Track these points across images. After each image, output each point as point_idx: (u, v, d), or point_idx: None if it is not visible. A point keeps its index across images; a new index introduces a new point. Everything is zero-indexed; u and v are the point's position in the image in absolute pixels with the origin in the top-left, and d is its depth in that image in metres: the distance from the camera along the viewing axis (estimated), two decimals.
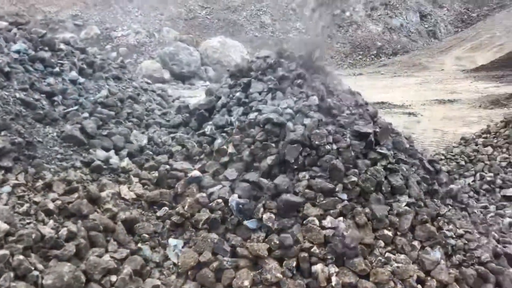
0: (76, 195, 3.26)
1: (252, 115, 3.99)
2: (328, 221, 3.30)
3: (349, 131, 3.81)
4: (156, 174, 3.85)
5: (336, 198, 3.44)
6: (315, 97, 3.90)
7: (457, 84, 16.78)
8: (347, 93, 4.42)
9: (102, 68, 5.27)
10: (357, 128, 3.71)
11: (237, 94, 4.33)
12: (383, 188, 3.54)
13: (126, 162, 3.88)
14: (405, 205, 3.51)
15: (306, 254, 3.16)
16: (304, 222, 3.32)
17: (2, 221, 2.74)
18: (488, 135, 6.18)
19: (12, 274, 2.56)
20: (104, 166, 3.72)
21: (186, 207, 3.46)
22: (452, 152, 6.11)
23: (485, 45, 23.70)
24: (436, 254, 3.27)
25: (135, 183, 3.68)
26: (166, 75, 18.80)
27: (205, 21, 23.58)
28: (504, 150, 5.76)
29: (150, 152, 4.14)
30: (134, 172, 3.82)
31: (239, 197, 3.46)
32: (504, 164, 5.58)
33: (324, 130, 3.59)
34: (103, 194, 3.37)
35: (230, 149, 3.83)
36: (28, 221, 2.92)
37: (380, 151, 3.70)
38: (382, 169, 3.61)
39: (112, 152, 3.93)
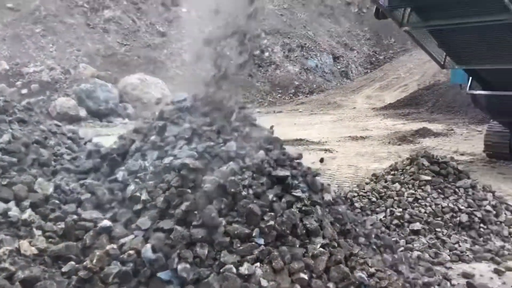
0: None
1: (167, 160, 3.90)
2: (244, 268, 3.25)
3: (266, 175, 3.84)
4: (62, 225, 3.59)
5: (253, 243, 3.42)
6: (233, 142, 3.91)
7: (368, 122, 17.89)
8: (265, 135, 4.48)
9: (6, 111, 4.91)
10: (275, 174, 3.75)
11: (152, 137, 4.23)
12: (298, 231, 3.59)
13: (28, 214, 3.57)
14: (320, 247, 3.58)
15: None
16: (221, 270, 3.24)
17: None
18: (395, 172, 6.57)
19: None
20: (2, 220, 3.40)
21: (95, 260, 3.23)
22: (364, 189, 6.40)
23: (392, 85, 25.71)
24: None
25: (37, 236, 3.39)
26: (82, 112, 18.09)
27: (124, 58, 23.15)
28: (410, 186, 6.14)
29: (57, 201, 3.85)
30: (37, 224, 3.52)
31: (153, 247, 3.31)
32: (411, 199, 5.94)
33: (241, 176, 3.60)
34: None
35: (144, 196, 3.69)
36: None
37: (295, 194, 3.77)
38: (297, 212, 3.68)
39: (12, 203, 3.60)
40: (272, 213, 3.57)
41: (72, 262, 3.27)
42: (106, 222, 3.55)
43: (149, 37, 24.64)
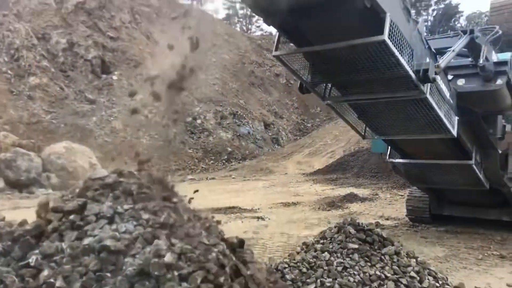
0: None
1: (86, 241, 3.67)
2: None
3: (196, 255, 3.71)
4: None
5: None
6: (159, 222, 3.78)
7: (299, 187, 18.30)
8: (197, 215, 4.38)
9: None
10: (209, 267, 3.61)
11: (71, 216, 3.98)
12: None
13: None
14: None
15: None
16: None
17: None
18: (324, 241, 6.64)
19: None
20: None
21: None
22: (294, 260, 6.37)
23: (320, 151, 26.82)
24: None
25: None
26: (0, 183, 16.94)
27: (50, 126, 22.33)
28: (339, 255, 6.22)
29: None
30: None
31: None
32: (340, 268, 5.98)
33: (166, 258, 3.46)
34: None
35: (59, 282, 3.40)
36: None
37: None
38: None
39: None
40: None
41: None
42: None
43: (77, 105, 24.12)
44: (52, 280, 3.44)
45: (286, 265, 6.27)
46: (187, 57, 4.74)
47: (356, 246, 6.26)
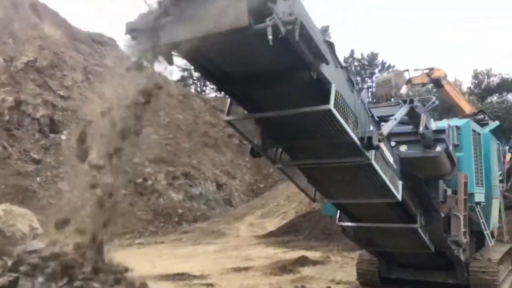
0: None
1: None
2: None
3: None
4: None
5: None
6: None
7: (251, 251, 17.96)
8: None
9: None
10: None
11: None
12: None
13: None
14: None
15: None
16: None
17: None
18: None
19: None
20: None
21: None
22: None
23: (273, 213, 26.75)
24: None
25: None
26: None
27: None
28: None
29: None
30: None
31: None
32: None
33: None
34: None
35: None
36: None
37: None
38: None
39: None
40: None
41: None
42: None
43: (20, 165, 23.07)
44: None
45: None
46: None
47: None
